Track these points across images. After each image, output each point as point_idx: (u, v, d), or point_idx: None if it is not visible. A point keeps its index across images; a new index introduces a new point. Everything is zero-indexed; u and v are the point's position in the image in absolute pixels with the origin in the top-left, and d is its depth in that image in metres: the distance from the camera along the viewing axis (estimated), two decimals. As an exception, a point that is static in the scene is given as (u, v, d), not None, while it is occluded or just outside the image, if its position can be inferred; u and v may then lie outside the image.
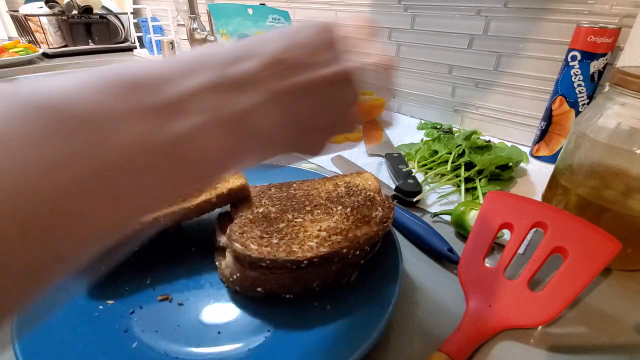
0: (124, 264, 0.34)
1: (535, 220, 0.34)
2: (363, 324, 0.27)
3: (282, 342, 0.27)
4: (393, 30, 0.81)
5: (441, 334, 0.29)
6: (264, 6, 0.70)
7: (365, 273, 0.33)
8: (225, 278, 0.32)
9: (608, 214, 0.35)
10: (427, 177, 0.53)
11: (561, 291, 0.30)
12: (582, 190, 0.38)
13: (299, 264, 0.27)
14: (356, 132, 0.27)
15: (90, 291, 0.31)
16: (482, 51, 0.68)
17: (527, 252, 0.39)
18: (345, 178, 0.39)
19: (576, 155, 0.39)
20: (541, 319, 0.29)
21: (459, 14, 0.69)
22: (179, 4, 1.07)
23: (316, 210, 0.34)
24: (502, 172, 0.52)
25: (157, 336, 0.28)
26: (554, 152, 0.60)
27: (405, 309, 0.32)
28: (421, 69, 0.79)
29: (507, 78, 0.67)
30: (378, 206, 0.34)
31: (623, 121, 0.34)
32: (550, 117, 0.59)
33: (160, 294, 0.31)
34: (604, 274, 0.37)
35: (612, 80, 0.35)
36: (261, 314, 0.30)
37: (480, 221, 0.36)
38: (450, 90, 0.76)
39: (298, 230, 0.31)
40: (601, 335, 0.30)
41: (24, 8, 1.31)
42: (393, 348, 0.28)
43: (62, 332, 0.26)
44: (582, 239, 0.31)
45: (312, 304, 0.30)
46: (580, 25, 0.53)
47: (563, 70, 0.56)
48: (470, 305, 0.31)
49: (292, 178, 0.41)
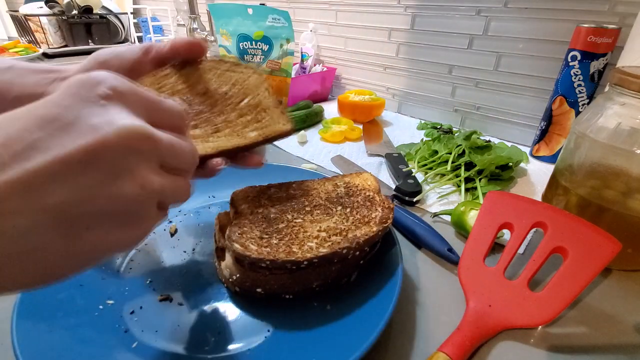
0: (125, 264, 0.34)
1: (535, 220, 0.34)
2: (363, 324, 0.27)
3: (282, 342, 0.27)
4: (393, 30, 0.81)
5: (441, 334, 0.29)
6: (264, 6, 0.70)
7: (365, 273, 0.33)
8: (225, 279, 0.32)
9: (608, 214, 0.35)
10: (427, 177, 0.53)
11: (561, 291, 0.30)
12: (582, 190, 0.38)
13: (298, 264, 0.27)
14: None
15: (90, 291, 0.31)
16: (482, 51, 0.68)
17: (527, 252, 0.39)
18: (344, 178, 0.39)
19: (576, 155, 0.39)
20: (541, 319, 0.29)
21: (459, 14, 0.69)
22: (179, 4, 1.08)
23: (316, 210, 0.34)
24: (502, 172, 0.52)
25: (157, 336, 0.28)
26: (554, 152, 0.60)
27: (405, 309, 0.32)
28: (421, 69, 0.79)
29: (507, 78, 0.67)
30: (378, 206, 0.34)
31: (623, 121, 0.34)
32: (550, 117, 0.59)
33: (160, 294, 0.31)
34: (604, 274, 0.37)
35: (612, 80, 0.35)
36: (261, 314, 0.30)
37: (480, 221, 0.36)
38: (450, 90, 0.76)
39: (298, 230, 0.31)
40: (601, 335, 0.30)
41: (24, 8, 1.31)
42: (393, 348, 0.28)
43: (62, 332, 0.26)
44: (582, 239, 0.31)
45: (312, 304, 0.30)
46: (580, 25, 0.53)
47: (563, 70, 0.56)
48: (470, 305, 0.31)
49: (291, 178, 0.41)
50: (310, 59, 0.93)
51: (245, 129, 0.32)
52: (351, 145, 0.67)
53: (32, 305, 0.27)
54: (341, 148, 0.65)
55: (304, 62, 0.94)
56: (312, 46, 0.93)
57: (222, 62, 0.34)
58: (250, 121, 0.33)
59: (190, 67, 0.32)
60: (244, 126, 0.32)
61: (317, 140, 0.69)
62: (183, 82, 0.31)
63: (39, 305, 0.28)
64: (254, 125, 0.32)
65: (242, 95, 0.33)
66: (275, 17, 0.69)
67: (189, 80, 0.32)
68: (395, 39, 0.81)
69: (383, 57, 0.85)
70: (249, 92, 0.33)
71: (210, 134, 0.31)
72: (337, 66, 0.96)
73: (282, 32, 0.71)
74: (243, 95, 0.33)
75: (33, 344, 0.24)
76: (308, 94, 0.89)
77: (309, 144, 0.67)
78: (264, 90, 0.34)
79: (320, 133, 0.70)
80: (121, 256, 0.35)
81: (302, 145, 0.66)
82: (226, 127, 0.31)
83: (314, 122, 0.76)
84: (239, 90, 0.33)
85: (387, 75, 0.87)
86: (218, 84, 0.33)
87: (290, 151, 0.63)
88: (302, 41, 0.95)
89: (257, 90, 0.34)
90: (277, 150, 0.64)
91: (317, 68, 0.94)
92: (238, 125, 0.32)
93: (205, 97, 0.32)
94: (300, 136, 0.68)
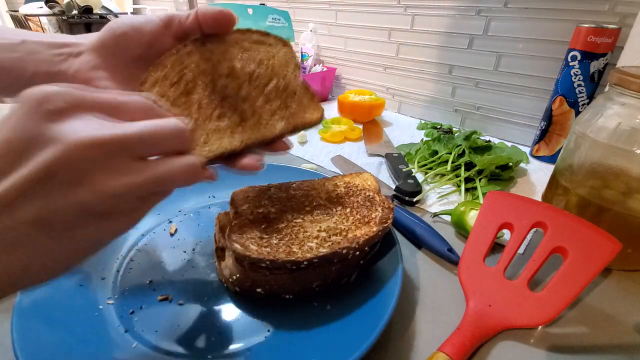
0: (125, 264, 0.34)
1: (535, 220, 0.34)
2: (363, 324, 0.27)
3: (282, 342, 0.27)
4: (393, 30, 0.81)
5: (441, 334, 0.29)
6: (264, 6, 0.70)
7: (365, 273, 0.33)
8: (225, 279, 0.32)
9: (608, 214, 0.35)
10: (427, 177, 0.53)
11: (561, 291, 0.30)
12: (582, 190, 0.38)
13: (298, 264, 0.27)
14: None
15: (90, 291, 0.31)
16: (482, 51, 0.68)
17: (527, 252, 0.39)
18: (344, 178, 0.39)
19: (576, 155, 0.39)
20: (541, 319, 0.29)
21: (459, 14, 0.69)
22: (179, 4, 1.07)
23: (316, 210, 0.34)
24: (502, 172, 0.52)
25: (157, 336, 0.28)
26: (554, 152, 0.60)
27: (405, 309, 0.32)
28: (421, 69, 0.79)
29: (507, 78, 0.67)
30: (378, 206, 0.34)
31: (623, 121, 0.34)
32: (550, 117, 0.59)
33: (160, 294, 0.31)
34: (604, 274, 0.37)
35: (612, 80, 0.35)
36: (261, 314, 0.30)
37: (480, 221, 0.36)
38: (450, 90, 0.76)
39: (298, 230, 0.31)
40: (601, 335, 0.30)
41: (24, 8, 1.31)
42: (393, 348, 0.28)
43: (62, 332, 0.26)
44: (582, 239, 0.31)
45: (312, 304, 0.30)
46: (580, 25, 0.53)
47: (563, 70, 0.56)
48: (470, 305, 0.31)
49: (292, 178, 0.41)
50: (310, 59, 0.93)
51: (274, 118, 0.30)
52: (351, 145, 0.67)
53: (32, 305, 0.27)
54: (341, 148, 0.65)
55: (304, 62, 0.94)
56: (312, 46, 0.93)
57: (248, 32, 0.30)
58: (278, 108, 0.30)
59: (214, 41, 0.28)
60: (272, 114, 0.30)
61: (317, 140, 0.69)
62: (206, 61, 0.28)
63: (39, 305, 0.28)
64: (281, 113, 0.30)
65: (269, 77, 0.30)
66: (275, 17, 0.70)
67: (212, 57, 0.28)
68: (395, 39, 0.81)
69: (383, 57, 0.85)
70: (276, 73, 0.31)
71: (237, 124, 0.28)
72: (337, 66, 0.96)
73: (282, 32, 0.71)
74: (270, 76, 0.30)
75: (33, 344, 0.24)
76: (308, 94, 0.89)
77: (309, 144, 0.67)
78: (292, 70, 0.31)
79: (320, 133, 0.70)
80: (121, 256, 0.35)
81: (302, 145, 0.66)
82: (252, 115, 0.29)
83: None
84: (265, 70, 0.30)
85: (387, 75, 0.87)
86: (244, 62, 0.29)
87: (290, 151, 0.63)
88: (302, 41, 0.95)
89: (284, 69, 0.31)
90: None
91: (317, 68, 0.94)
92: (265, 114, 0.29)
93: (230, 79, 0.29)
94: (300, 136, 0.68)
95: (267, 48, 0.31)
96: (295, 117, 0.30)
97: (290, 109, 0.31)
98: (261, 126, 0.29)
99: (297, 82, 0.31)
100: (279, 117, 0.30)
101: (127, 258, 0.35)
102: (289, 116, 0.30)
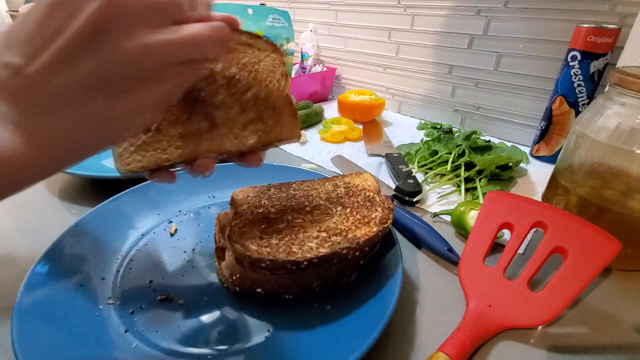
0: (125, 264, 0.34)
1: (535, 220, 0.34)
2: (363, 324, 0.27)
3: (282, 342, 0.27)
4: (393, 30, 0.81)
5: (441, 334, 0.29)
6: (264, 6, 0.70)
7: (365, 273, 0.33)
8: (225, 279, 0.32)
9: (608, 214, 0.35)
10: (427, 177, 0.53)
11: (561, 291, 0.30)
12: (582, 190, 0.38)
13: (298, 264, 0.27)
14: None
15: (90, 291, 0.31)
16: (482, 51, 0.68)
17: (527, 252, 0.39)
18: (344, 178, 0.39)
19: (576, 155, 0.39)
20: (541, 319, 0.29)
21: (459, 14, 0.69)
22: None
23: (316, 210, 0.34)
24: (502, 172, 0.52)
25: (157, 336, 0.28)
26: (554, 152, 0.60)
27: (405, 309, 0.32)
28: (421, 69, 0.79)
29: (507, 78, 0.67)
30: (378, 207, 0.34)
31: (623, 121, 0.34)
32: (550, 117, 0.59)
33: (160, 294, 0.31)
34: (604, 274, 0.37)
35: (612, 80, 0.35)
36: (261, 314, 0.30)
37: (480, 221, 0.36)
38: (450, 90, 0.76)
39: (298, 230, 0.31)
40: (601, 335, 0.30)
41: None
42: (393, 348, 0.28)
43: (62, 332, 0.26)
44: (582, 239, 0.31)
45: (312, 304, 0.30)
46: (580, 25, 0.53)
47: (563, 70, 0.56)
48: (470, 305, 0.31)
49: (291, 178, 0.41)
50: (310, 59, 0.93)
51: (245, 131, 0.27)
52: (351, 145, 0.67)
53: (32, 305, 0.27)
54: (341, 148, 0.65)
55: (304, 62, 0.94)
56: (312, 46, 0.93)
57: (238, 33, 0.27)
58: (252, 121, 0.27)
59: None
60: (244, 127, 0.27)
61: (317, 140, 0.69)
62: None
63: (39, 306, 0.28)
64: (254, 127, 0.27)
65: (249, 83, 0.27)
66: (275, 17, 0.69)
67: None
68: (395, 39, 0.81)
69: (383, 57, 0.85)
70: (258, 80, 0.28)
71: (206, 131, 0.26)
72: (337, 66, 0.96)
73: (282, 32, 0.71)
74: (251, 83, 0.27)
75: (33, 344, 0.24)
76: (308, 94, 0.89)
77: (309, 144, 0.67)
78: (277, 79, 0.28)
79: (320, 133, 0.70)
80: (121, 256, 0.35)
81: (302, 145, 0.66)
82: (224, 124, 0.27)
83: (314, 122, 0.76)
84: (247, 75, 0.27)
85: (387, 75, 0.87)
86: (227, 62, 0.27)
87: (290, 151, 0.63)
88: (302, 41, 0.95)
89: (269, 77, 0.28)
90: (277, 150, 0.64)
91: (317, 68, 0.94)
92: (237, 126, 0.27)
93: (207, 82, 0.26)
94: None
95: (254, 52, 0.28)
96: (269, 135, 0.28)
97: (266, 125, 0.28)
98: (229, 139, 0.27)
99: (280, 94, 0.29)
100: (251, 131, 0.27)
101: (127, 258, 0.35)
102: (262, 132, 0.28)
